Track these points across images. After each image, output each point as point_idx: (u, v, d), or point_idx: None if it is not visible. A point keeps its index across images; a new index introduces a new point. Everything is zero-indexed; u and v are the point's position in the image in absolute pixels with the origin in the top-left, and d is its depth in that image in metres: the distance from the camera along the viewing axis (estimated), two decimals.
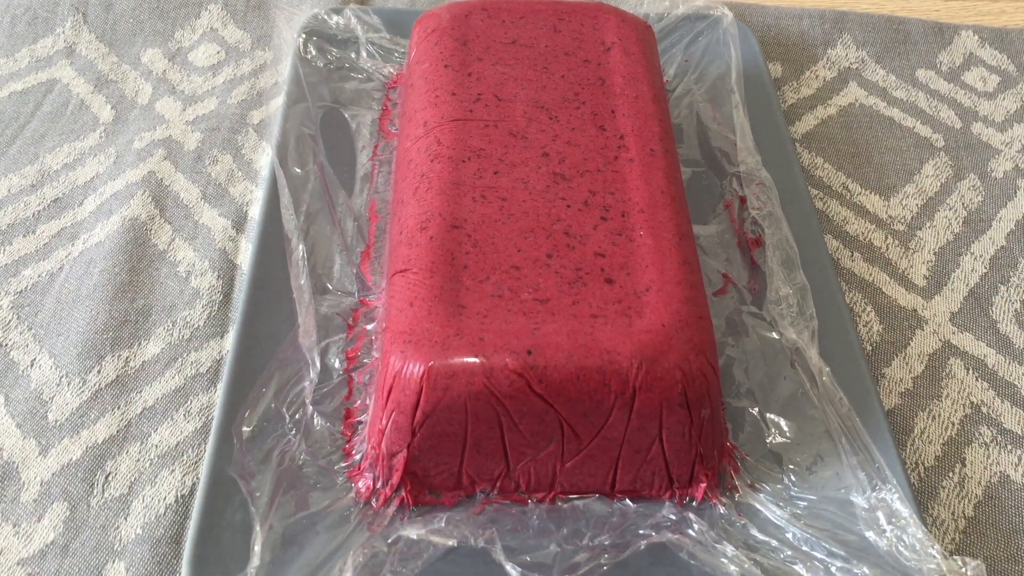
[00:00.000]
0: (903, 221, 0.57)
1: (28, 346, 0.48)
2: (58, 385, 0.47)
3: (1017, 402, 0.48)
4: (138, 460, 0.44)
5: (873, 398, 0.45)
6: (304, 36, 0.61)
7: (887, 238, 0.56)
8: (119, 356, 0.48)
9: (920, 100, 0.64)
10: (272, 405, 0.43)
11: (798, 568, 0.39)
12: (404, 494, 0.41)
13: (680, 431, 0.40)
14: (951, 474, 0.46)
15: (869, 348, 0.50)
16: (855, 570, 0.39)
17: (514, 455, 0.40)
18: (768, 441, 0.44)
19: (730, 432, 0.44)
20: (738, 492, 0.42)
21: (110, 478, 0.44)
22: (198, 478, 0.43)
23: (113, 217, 0.54)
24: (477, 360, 0.38)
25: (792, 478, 0.43)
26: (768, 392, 0.46)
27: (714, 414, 0.41)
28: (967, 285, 0.53)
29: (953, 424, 0.47)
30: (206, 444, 0.44)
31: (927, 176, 0.59)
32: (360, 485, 0.41)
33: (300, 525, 0.40)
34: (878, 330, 0.51)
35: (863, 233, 0.56)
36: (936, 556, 0.39)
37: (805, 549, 0.40)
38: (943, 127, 0.62)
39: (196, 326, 0.49)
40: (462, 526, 0.40)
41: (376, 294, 0.48)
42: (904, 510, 0.41)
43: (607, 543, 0.40)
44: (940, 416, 0.48)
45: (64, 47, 0.64)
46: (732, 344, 0.47)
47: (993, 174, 0.60)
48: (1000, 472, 0.46)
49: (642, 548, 0.40)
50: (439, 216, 0.43)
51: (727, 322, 0.48)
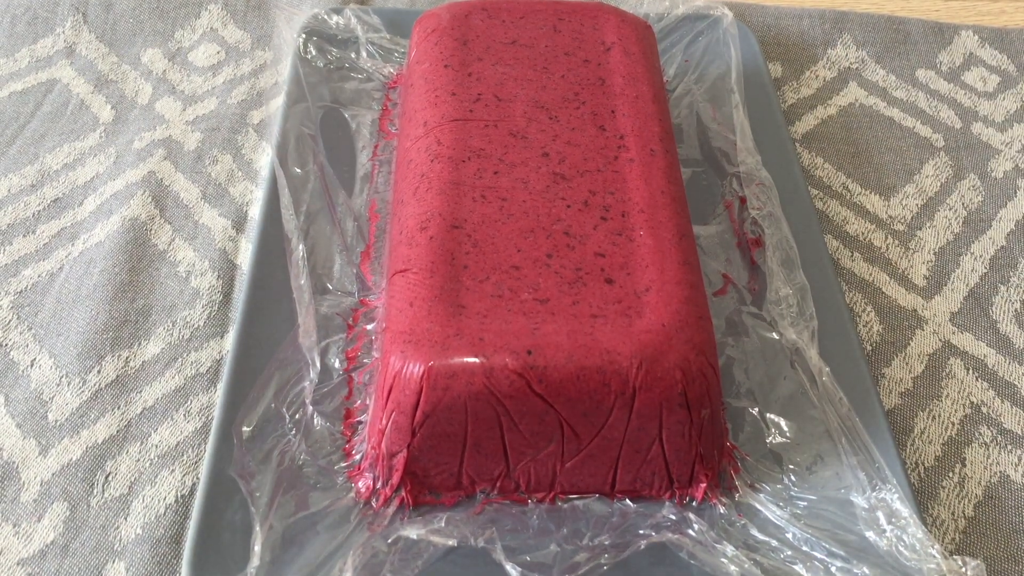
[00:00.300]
0: (903, 221, 0.57)
1: (28, 346, 0.48)
2: (58, 385, 0.47)
3: (1017, 402, 0.48)
4: (138, 460, 0.44)
5: (873, 398, 0.45)
6: (304, 36, 0.61)
7: (887, 238, 0.56)
8: (119, 356, 0.48)
9: (920, 100, 0.64)
10: (272, 405, 0.43)
11: (798, 568, 0.39)
12: (404, 494, 0.41)
13: (680, 431, 0.40)
14: (951, 474, 0.46)
15: (869, 348, 0.50)
16: (855, 570, 0.39)
17: (514, 455, 0.40)
18: (768, 441, 0.44)
19: (730, 432, 0.44)
20: (738, 492, 0.42)
21: (110, 478, 0.44)
22: (198, 478, 0.43)
23: (113, 217, 0.54)
24: (477, 360, 0.38)
25: (792, 478, 0.43)
26: (768, 392, 0.46)
27: (714, 414, 0.41)
28: (967, 285, 0.53)
29: (953, 424, 0.47)
30: (206, 444, 0.44)
31: (927, 176, 0.59)
32: (360, 485, 0.41)
33: (300, 525, 0.40)
34: (878, 330, 0.51)
35: (863, 233, 0.56)
36: (936, 556, 0.39)
37: (805, 549, 0.40)
38: (943, 127, 0.62)
39: (196, 326, 0.49)
40: (462, 526, 0.40)
41: (376, 294, 0.48)
42: (904, 510, 0.41)
43: (607, 543, 0.40)
44: (940, 416, 0.48)
45: (64, 47, 0.64)
46: (732, 344, 0.47)
47: (993, 174, 0.60)
48: (1000, 472, 0.46)
49: (642, 548, 0.40)
50: (439, 216, 0.43)
51: (727, 322, 0.48)
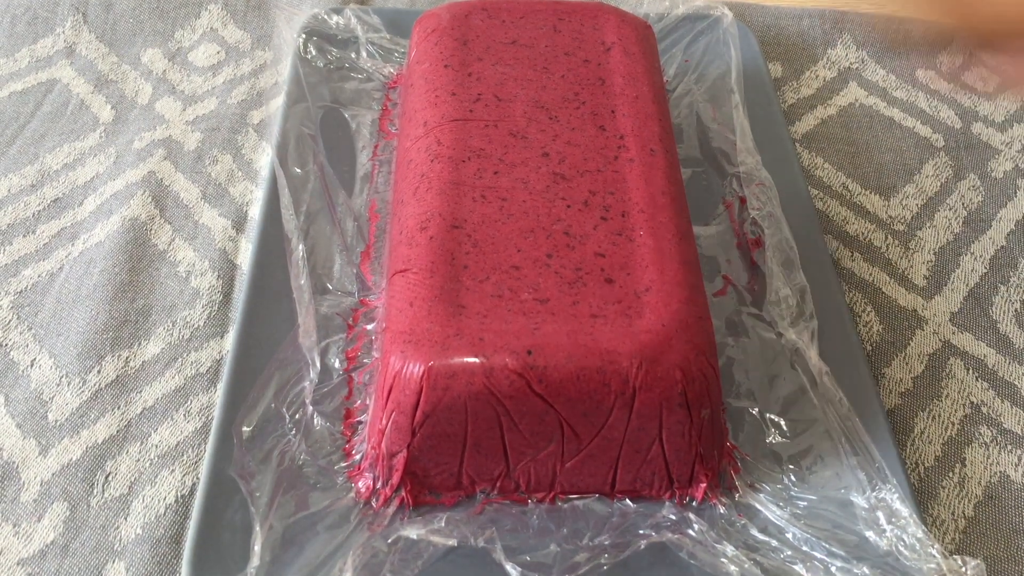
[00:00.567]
0: (903, 221, 0.57)
1: (28, 346, 0.48)
2: (58, 385, 0.47)
3: (1017, 402, 0.48)
4: (138, 460, 0.44)
5: (873, 398, 0.45)
6: (304, 36, 0.61)
7: (887, 238, 0.56)
8: (119, 356, 0.48)
9: (920, 100, 0.64)
10: (272, 405, 0.43)
11: (798, 568, 0.39)
12: (404, 494, 0.41)
13: (680, 431, 0.40)
14: (951, 474, 0.46)
15: (869, 348, 0.50)
16: (855, 570, 0.39)
17: (514, 455, 0.40)
18: (768, 441, 0.44)
19: (730, 432, 0.44)
20: (738, 492, 0.42)
21: (110, 478, 0.44)
22: (198, 478, 0.43)
23: (113, 217, 0.54)
24: (477, 360, 0.38)
25: (792, 478, 0.43)
26: (768, 392, 0.46)
27: (714, 414, 0.41)
28: (967, 285, 0.53)
29: (953, 424, 0.47)
30: (206, 444, 0.44)
31: (927, 176, 0.59)
32: (360, 485, 0.41)
33: (300, 525, 0.40)
34: (878, 330, 0.51)
35: (863, 233, 0.56)
36: (936, 556, 0.39)
37: (805, 549, 0.40)
38: (943, 127, 0.62)
39: (196, 326, 0.49)
40: (462, 526, 0.40)
41: (376, 294, 0.48)
42: (904, 510, 0.41)
43: (607, 543, 0.40)
44: (940, 416, 0.48)
45: (64, 47, 0.64)
46: (732, 344, 0.47)
47: (993, 174, 0.60)
48: (1000, 472, 0.46)
49: (642, 548, 0.40)
50: (439, 216, 0.43)
51: (727, 323, 0.48)
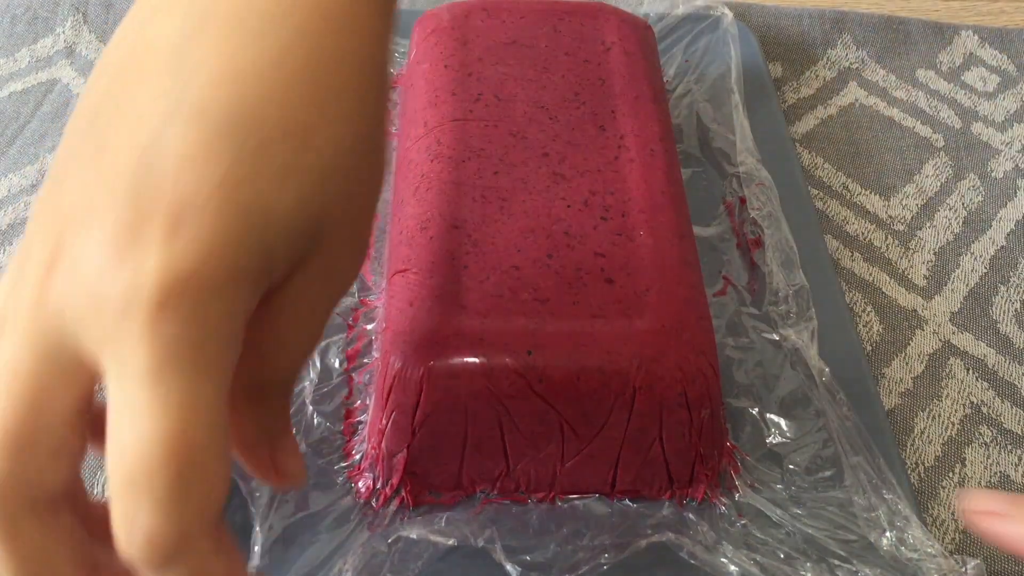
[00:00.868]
0: (903, 221, 0.57)
1: None
2: None
3: (1017, 402, 0.48)
4: None
5: (873, 398, 0.45)
6: None
7: (887, 238, 0.56)
8: None
9: (920, 100, 0.64)
10: None
11: (798, 568, 0.39)
12: (404, 494, 0.41)
13: (680, 431, 0.40)
14: (951, 474, 0.46)
15: (869, 348, 0.50)
16: (855, 571, 0.39)
17: (514, 455, 0.40)
18: (768, 441, 0.44)
19: (730, 432, 0.44)
20: (738, 492, 0.42)
21: None
22: None
23: None
24: (477, 360, 0.38)
25: (792, 478, 0.43)
26: (768, 392, 0.46)
27: (714, 414, 0.41)
28: (967, 285, 0.53)
29: (953, 424, 0.47)
30: None
31: (927, 176, 0.59)
32: (360, 485, 0.41)
33: (300, 525, 0.40)
34: (878, 330, 0.51)
35: (863, 233, 0.56)
36: (936, 556, 0.39)
37: (805, 549, 0.40)
38: (943, 127, 0.62)
39: None
40: (462, 526, 0.40)
41: (376, 294, 0.48)
42: (904, 510, 0.41)
43: (607, 543, 0.40)
44: (940, 416, 0.48)
45: (64, 47, 0.64)
46: (732, 344, 0.47)
47: (993, 174, 0.60)
48: (1000, 472, 0.46)
49: (642, 548, 0.40)
50: (439, 216, 0.43)
51: (727, 323, 0.48)
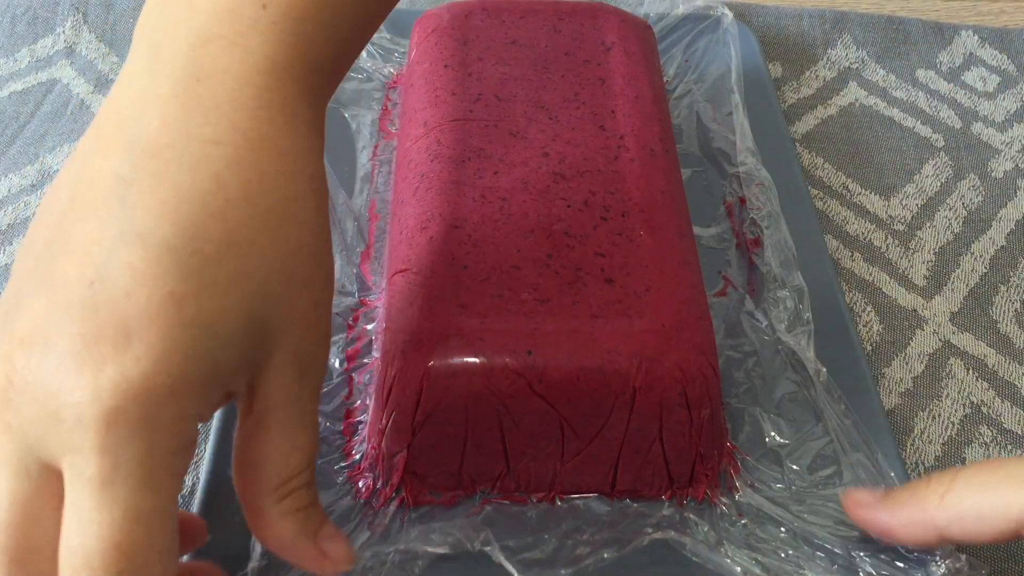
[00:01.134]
0: (903, 221, 0.57)
1: None
2: None
3: (1017, 402, 0.48)
4: None
5: (873, 398, 0.45)
6: None
7: (887, 238, 0.56)
8: None
9: (920, 100, 0.64)
10: None
11: (798, 567, 0.39)
12: (404, 494, 0.41)
13: (680, 431, 0.40)
14: None
15: (869, 348, 0.50)
16: (855, 569, 0.39)
17: (514, 455, 0.40)
18: (768, 441, 0.44)
19: (730, 432, 0.44)
20: (738, 492, 0.42)
21: None
22: (198, 478, 0.43)
23: None
24: (477, 360, 0.38)
25: (792, 478, 0.43)
26: (768, 392, 0.46)
27: (714, 414, 0.41)
28: (967, 285, 0.53)
29: (953, 424, 0.47)
30: (206, 444, 0.44)
31: (927, 176, 0.59)
32: (360, 485, 0.41)
33: None
34: (878, 330, 0.51)
35: (863, 233, 0.56)
36: (936, 556, 0.39)
37: (806, 549, 0.40)
38: (943, 127, 0.62)
39: None
40: (456, 532, 0.39)
41: (376, 294, 0.48)
42: None
43: (607, 539, 0.40)
44: (940, 416, 0.48)
45: (64, 47, 0.64)
46: (732, 345, 0.47)
47: (993, 174, 0.60)
48: None
49: (642, 547, 0.40)
50: (439, 216, 0.43)
51: (727, 323, 0.48)
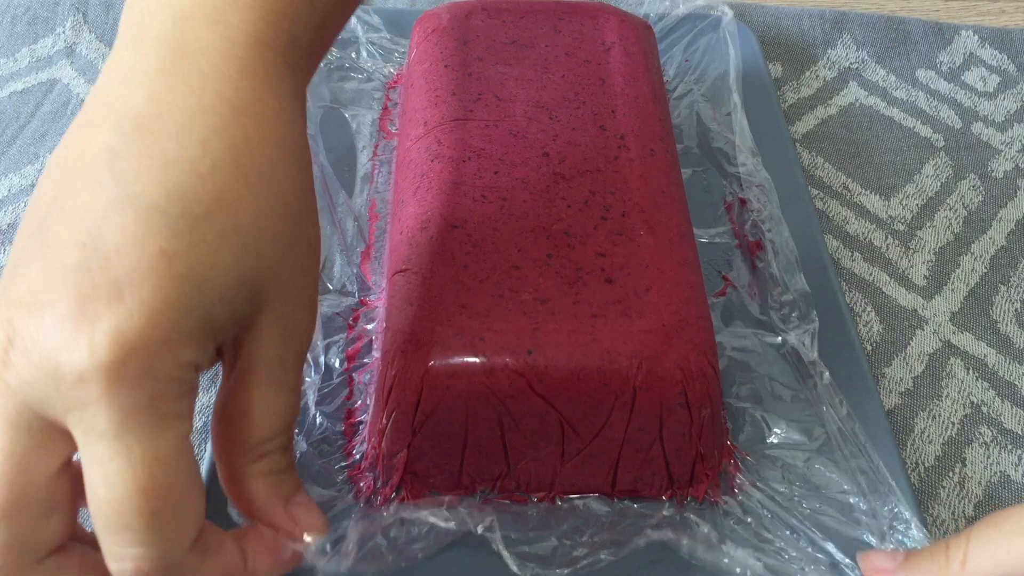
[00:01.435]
0: (903, 221, 0.57)
1: None
2: None
3: (1017, 402, 0.48)
4: None
5: (873, 398, 0.45)
6: None
7: (887, 238, 0.56)
8: None
9: (920, 100, 0.64)
10: None
11: (799, 568, 0.39)
12: (404, 494, 0.41)
13: (680, 431, 0.40)
14: (951, 474, 0.46)
15: (869, 348, 0.50)
16: (856, 570, 0.39)
17: (514, 455, 0.40)
18: (768, 441, 0.44)
19: (730, 432, 0.44)
20: (739, 492, 0.42)
21: None
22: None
23: None
24: (477, 360, 0.38)
25: (792, 478, 0.43)
26: (768, 392, 0.46)
27: (714, 414, 0.41)
28: (967, 285, 0.53)
29: (953, 424, 0.47)
30: (206, 444, 0.44)
31: (927, 176, 0.59)
32: (360, 485, 0.41)
33: None
34: (878, 330, 0.51)
35: (863, 233, 0.56)
36: None
37: (806, 548, 0.40)
38: (943, 127, 0.62)
39: None
40: (462, 511, 0.39)
41: (376, 294, 0.48)
42: (904, 511, 0.41)
43: (607, 539, 0.40)
44: (940, 416, 0.48)
45: (64, 47, 0.64)
46: (732, 345, 0.47)
47: (993, 174, 0.60)
48: (1000, 472, 0.46)
49: (642, 547, 0.40)
50: (439, 216, 0.43)
51: (727, 323, 0.48)
